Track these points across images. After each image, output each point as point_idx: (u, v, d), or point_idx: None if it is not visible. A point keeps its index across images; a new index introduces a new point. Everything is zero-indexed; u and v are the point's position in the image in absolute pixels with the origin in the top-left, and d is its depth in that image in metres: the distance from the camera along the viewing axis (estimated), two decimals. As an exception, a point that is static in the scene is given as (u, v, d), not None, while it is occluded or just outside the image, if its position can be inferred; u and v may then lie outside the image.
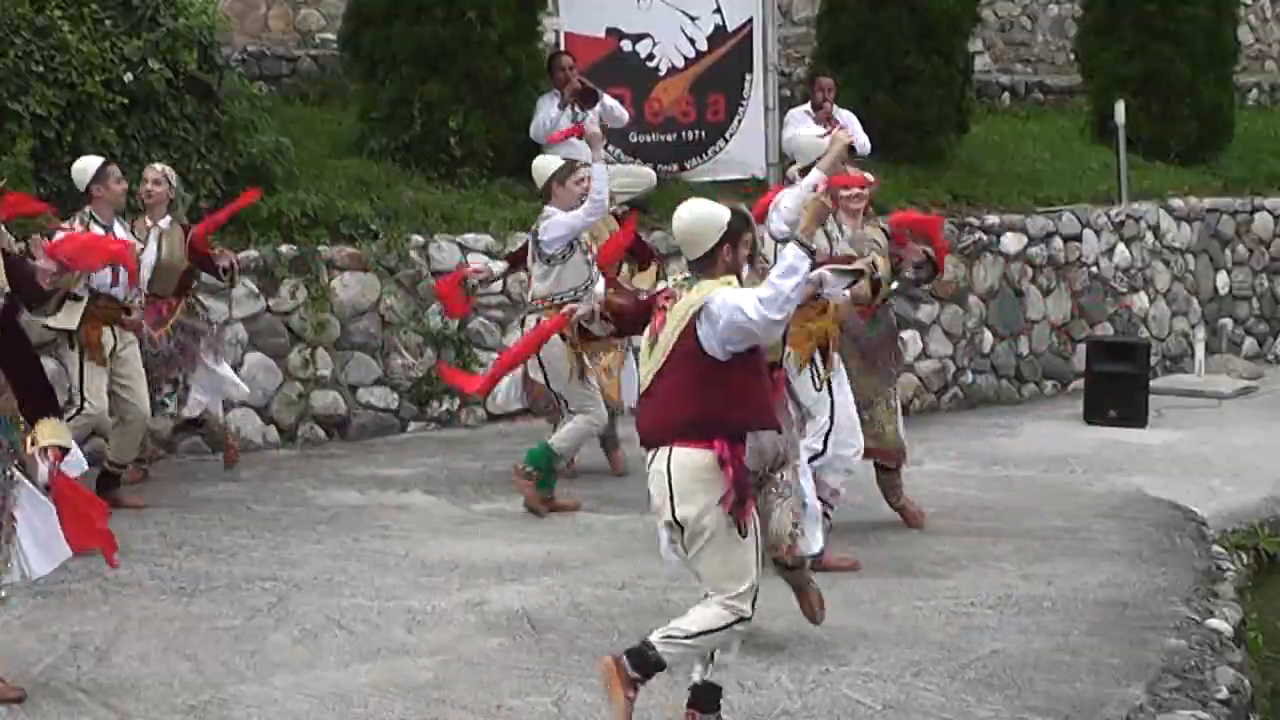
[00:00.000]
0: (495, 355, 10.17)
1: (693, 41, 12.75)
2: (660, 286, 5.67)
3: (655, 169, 12.11)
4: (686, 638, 5.20)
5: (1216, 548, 8.18)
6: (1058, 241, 13.89)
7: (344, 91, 13.10)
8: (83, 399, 8.22)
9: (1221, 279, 15.59)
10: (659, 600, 6.84)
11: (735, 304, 5.06)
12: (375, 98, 11.89)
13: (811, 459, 7.24)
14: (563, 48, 12.21)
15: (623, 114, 11.93)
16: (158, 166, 8.82)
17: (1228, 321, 15.53)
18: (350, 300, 10.67)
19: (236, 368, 10.08)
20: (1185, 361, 14.68)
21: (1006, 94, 18.27)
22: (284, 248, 10.41)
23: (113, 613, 6.64)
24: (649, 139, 12.36)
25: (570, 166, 8.77)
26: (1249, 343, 15.71)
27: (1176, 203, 15.21)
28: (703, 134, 12.86)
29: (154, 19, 9.96)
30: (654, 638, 5.24)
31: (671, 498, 5.15)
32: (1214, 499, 9.56)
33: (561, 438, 8.64)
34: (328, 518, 8.40)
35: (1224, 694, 5.92)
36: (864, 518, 8.47)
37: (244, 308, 10.18)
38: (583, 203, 8.55)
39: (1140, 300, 14.62)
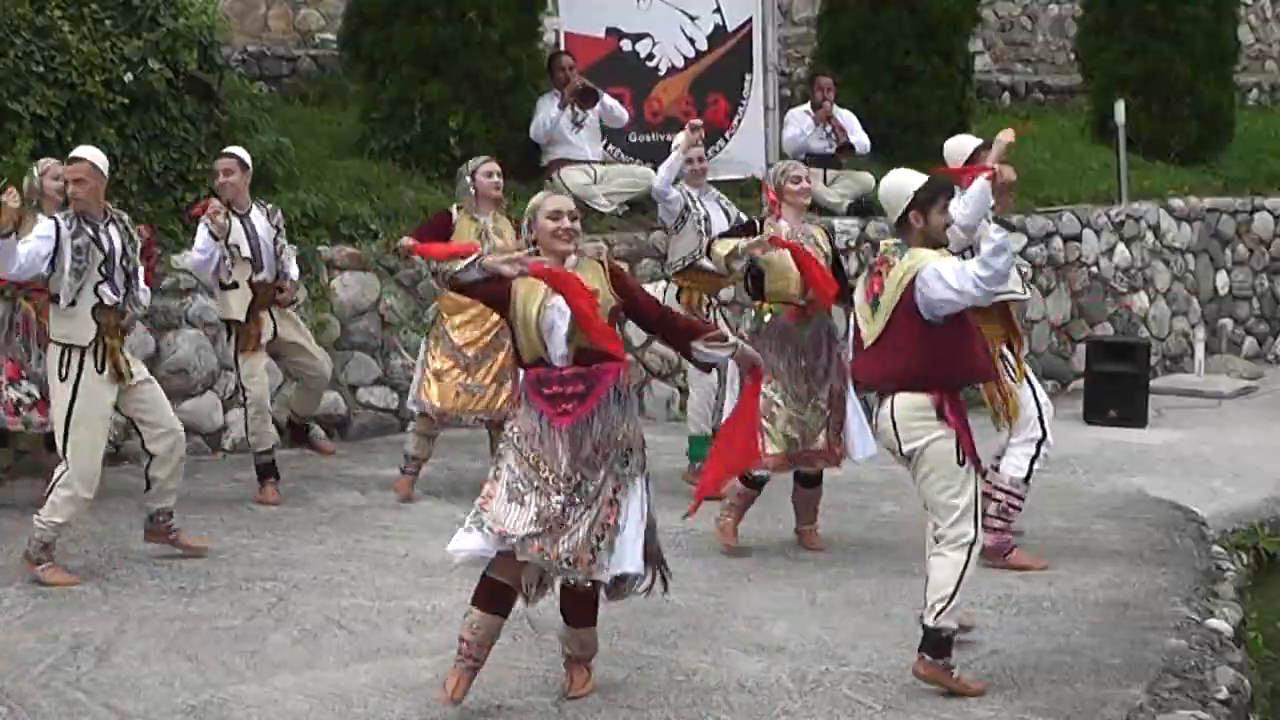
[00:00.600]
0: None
1: (692, 41, 12.76)
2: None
3: (655, 169, 12.11)
4: (951, 597, 5.68)
5: (1216, 548, 8.17)
6: (1058, 241, 13.89)
7: (344, 91, 13.09)
8: (242, 388, 8.61)
9: (1221, 279, 15.60)
10: (658, 600, 6.82)
11: (949, 279, 5.64)
12: (375, 98, 11.89)
13: (1039, 442, 7.76)
14: (563, 48, 12.22)
15: (622, 114, 11.95)
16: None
17: (1228, 321, 15.53)
18: (350, 300, 10.67)
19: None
20: (1185, 361, 14.69)
21: (1006, 94, 18.28)
22: (284, 248, 10.40)
23: (113, 613, 6.64)
24: (649, 139, 12.36)
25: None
26: (1249, 343, 15.71)
27: (1176, 203, 15.21)
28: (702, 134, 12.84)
29: (154, 19, 9.96)
30: (929, 620, 5.70)
31: (897, 436, 5.79)
32: (1214, 499, 9.56)
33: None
34: (328, 518, 8.40)
35: (1224, 694, 5.91)
36: (863, 518, 8.48)
37: (244, 308, 10.18)
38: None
39: (1140, 300, 14.62)
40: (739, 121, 12.91)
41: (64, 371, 6.98)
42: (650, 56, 12.62)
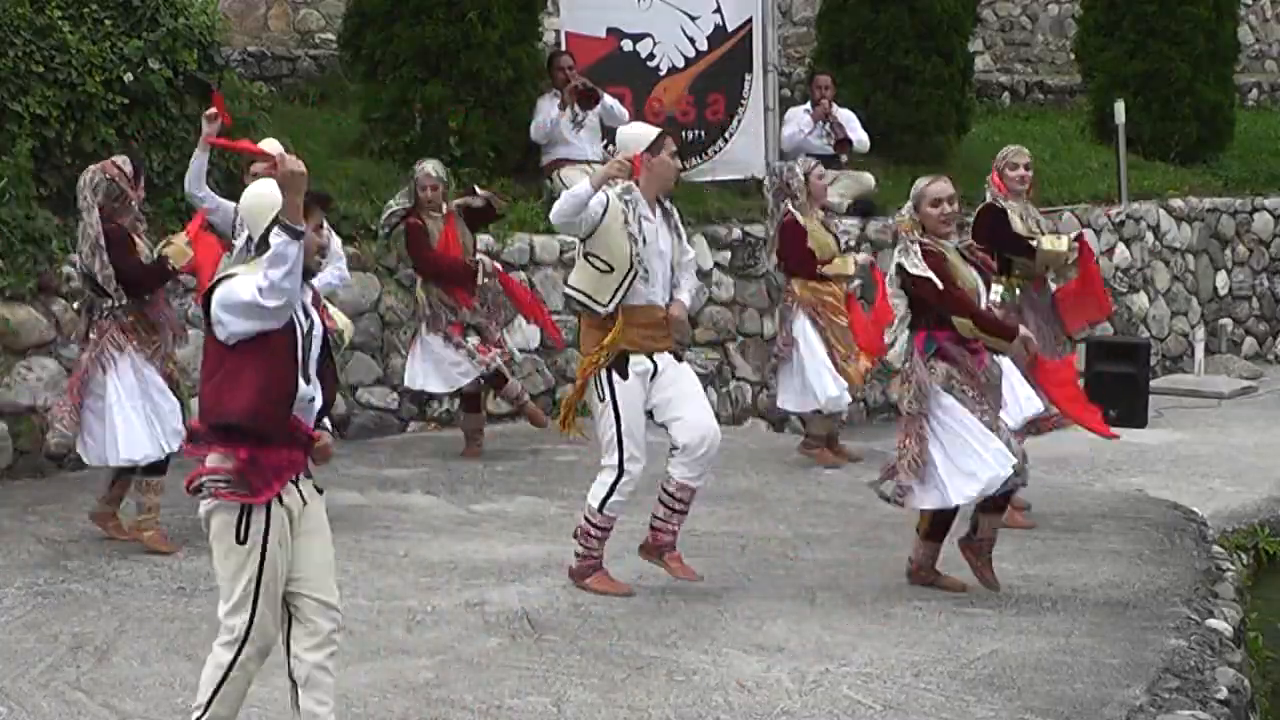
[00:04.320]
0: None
1: (693, 41, 12.76)
2: None
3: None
4: (207, 706, 4.92)
5: (1216, 548, 8.16)
6: (1057, 241, 13.87)
7: (344, 92, 13.10)
8: None
9: (1221, 279, 15.60)
10: (659, 600, 6.85)
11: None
12: (376, 98, 11.89)
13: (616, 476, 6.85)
14: (563, 48, 12.22)
15: (623, 113, 11.93)
16: None
17: (1228, 321, 15.55)
18: (350, 300, 10.65)
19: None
20: (1185, 361, 14.70)
21: (1006, 94, 18.30)
22: (284, 248, 10.39)
23: (113, 613, 6.63)
24: (649, 139, 12.35)
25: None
26: (1249, 343, 15.72)
27: (1176, 203, 15.22)
28: (702, 134, 12.86)
29: (154, 19, 9.96)
30: None
31: None
32: (1214, 499, 9.56)
33: None
34: (328, 518, 8.37)
35: (1224, 694, 5.91)
36: (863, 518, 8.48)
37: (244, 308, 10.17)
38: None
39: (1140, 300, 14.62)
40: (739, 121, 12.91)
41: None
42: (650, 56, 12.62)
